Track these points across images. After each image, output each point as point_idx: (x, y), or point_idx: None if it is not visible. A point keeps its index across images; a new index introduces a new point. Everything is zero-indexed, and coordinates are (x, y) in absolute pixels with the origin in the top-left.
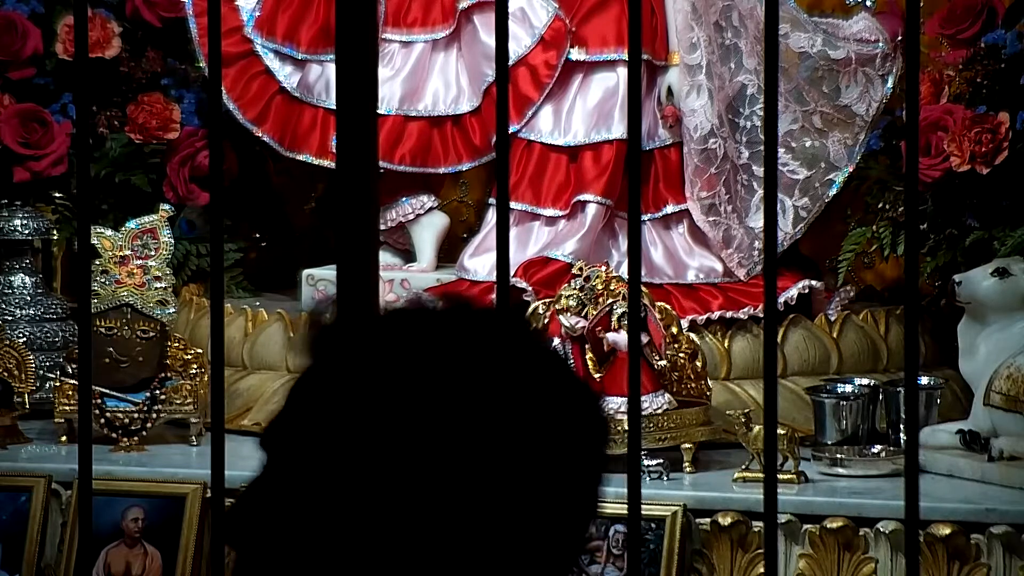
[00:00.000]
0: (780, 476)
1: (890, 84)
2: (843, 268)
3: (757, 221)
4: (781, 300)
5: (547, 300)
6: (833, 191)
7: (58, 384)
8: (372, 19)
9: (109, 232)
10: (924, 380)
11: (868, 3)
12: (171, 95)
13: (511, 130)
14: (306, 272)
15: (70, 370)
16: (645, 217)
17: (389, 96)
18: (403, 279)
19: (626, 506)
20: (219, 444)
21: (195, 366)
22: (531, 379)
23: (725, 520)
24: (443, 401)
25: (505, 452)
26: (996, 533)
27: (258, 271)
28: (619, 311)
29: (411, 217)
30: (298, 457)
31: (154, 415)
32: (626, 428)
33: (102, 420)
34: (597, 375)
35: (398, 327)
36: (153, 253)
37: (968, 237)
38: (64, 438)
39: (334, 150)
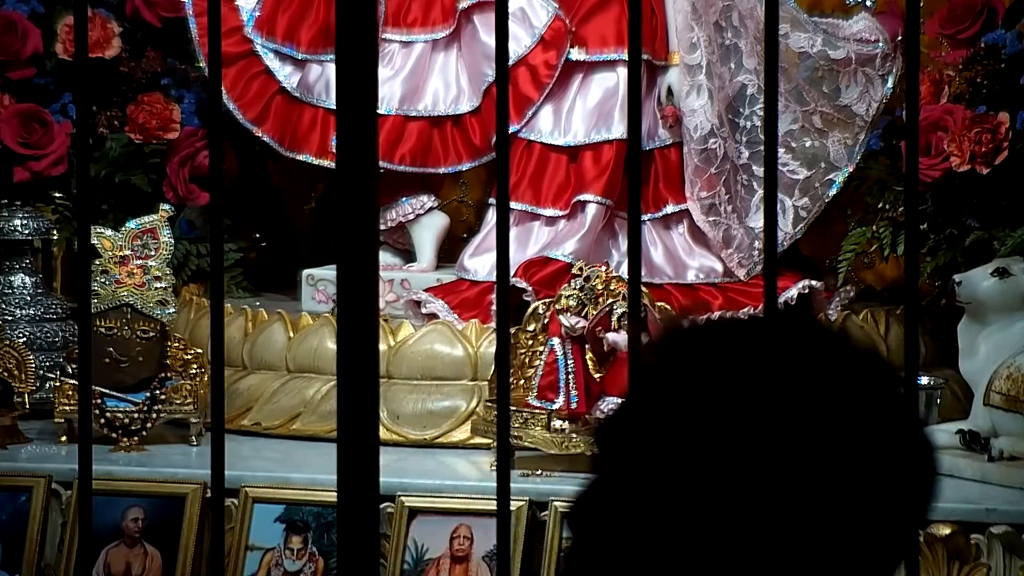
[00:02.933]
0: None
1: (890, 84)
2: (843, 268)
3: (757, 221)
4: (781, 300)
5: (547, 300)
6: (833, 191)
7: (58, 384)
8: (372, 19)
9: (109, 232)
10: (924, 380)
11: (868, 3)
12: (171, 95)
13: (511, 130)
14: (306, 272)
15: (70, 370)
16: (645, 217)
17: (389, 96)
18: (403, 279)
19: None
20: (219, 444)
21: (195, 366)
22: (863, 390)
23: None
24: (787, 411)
25: (841, 464)
26: (996, 533)
27: (258, 271)
28: (619, 311)
29: (411, 217)
30: (635, 458)
31: (154, 415)
32: None
33: (102, 420)
34: (597, 375)
35: (739, 335)
36: (153, 253)
37: (968, 237)
38: (64, 438)
39: (334, 150)
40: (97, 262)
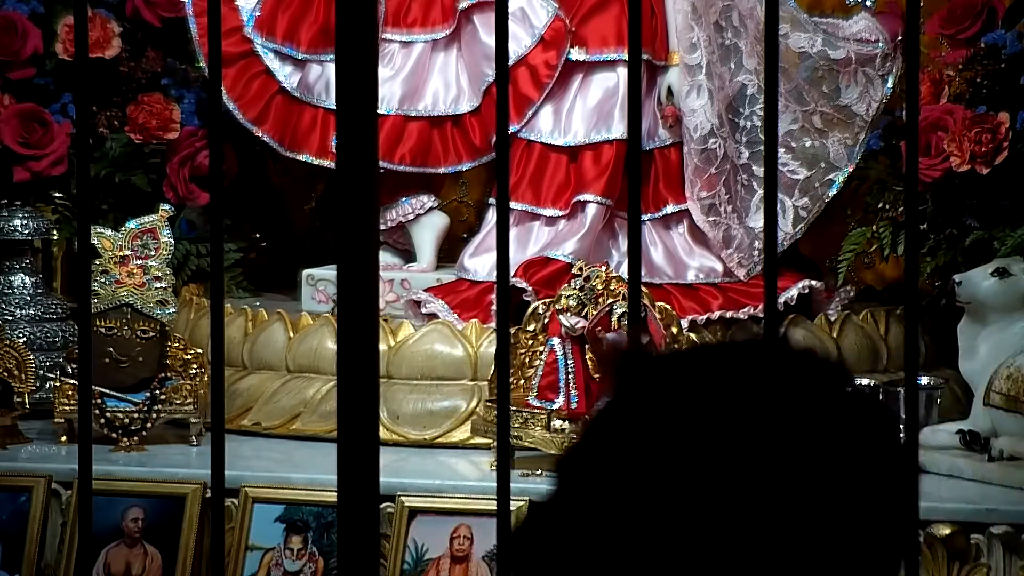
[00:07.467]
0: None
1: (890, 84)
2: (843, 268)
3: (757, 221)
4: (781, 300)
5: (547, 300)
6: (833, 191)
7: (58, 384)
8: (372, 19)
9: (109, 232)
10: (924, 380)
11: (868, 3)
12: (171, 95)
13: (511, 130)
14: (306, 272)
15: (70, 370)
16: (645, 217)
17: (389, 96)
18: (403, 279)
19: None
20: (219, 444)
21: (195, 366)
22: (834, 412)
23: None
24: (750, 439)
25: (814, 489)
26: (996, 533)
27: (258, 271)
28: (619, 311)
29: (411, 217)
30: (594, 487)
31: (154, 415)
32: None
33: (102, 420)
34: (597, 375)
35: (701, 360)
36: (153, 253)
37: (968, 237)
38: (64, 438)
39: (334, 150)
40: (97, 262)
